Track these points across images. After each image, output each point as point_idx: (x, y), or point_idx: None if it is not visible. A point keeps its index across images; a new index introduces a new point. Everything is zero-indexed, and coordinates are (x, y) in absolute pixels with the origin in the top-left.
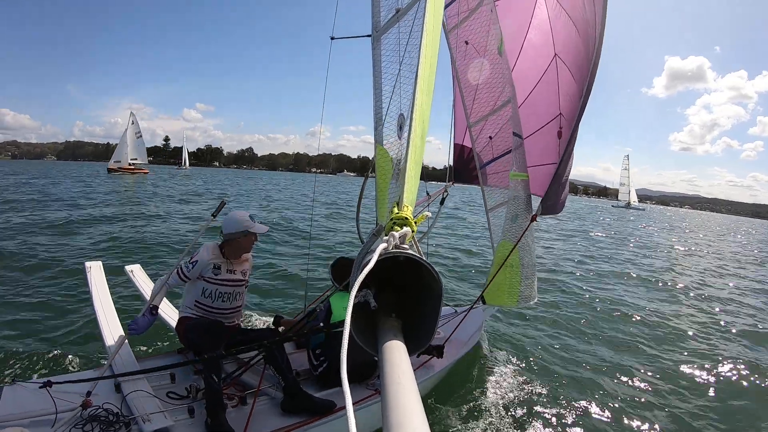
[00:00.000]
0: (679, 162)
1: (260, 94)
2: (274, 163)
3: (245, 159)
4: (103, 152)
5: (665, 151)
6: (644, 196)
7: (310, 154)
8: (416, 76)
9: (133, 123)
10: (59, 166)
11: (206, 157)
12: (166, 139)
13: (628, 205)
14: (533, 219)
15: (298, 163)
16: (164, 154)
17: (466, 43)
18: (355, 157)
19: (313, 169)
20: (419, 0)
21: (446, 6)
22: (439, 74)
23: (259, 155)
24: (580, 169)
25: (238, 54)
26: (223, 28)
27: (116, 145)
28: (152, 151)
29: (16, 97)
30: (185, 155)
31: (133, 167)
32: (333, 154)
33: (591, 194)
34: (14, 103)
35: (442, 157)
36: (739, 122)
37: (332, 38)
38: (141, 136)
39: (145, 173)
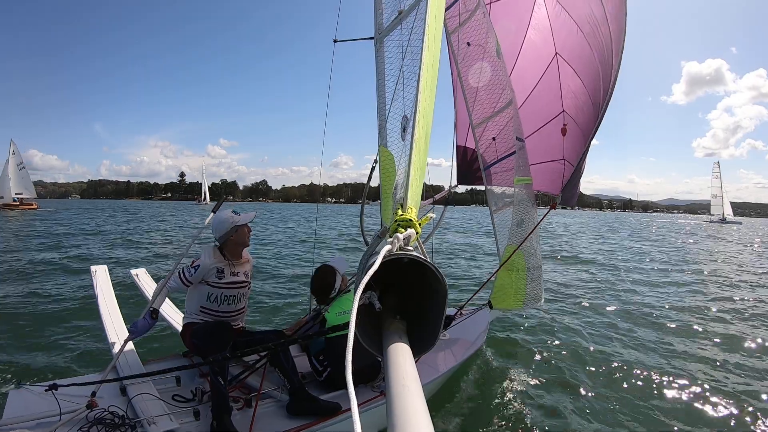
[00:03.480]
0: (705, 168)
1: (284, 127)
2: (288, 194)
3: (260, 192)
4: (123, 190)
5: (690, 158)
6: (672, 206)
7: (330, 185)
8: (419, 77)
9: (14, 153)
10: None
11: (222, 192)
12: (182, 174)
13: (723, 220)
14: (553, 207)
15: (312, 193)
16: (180, 190)
17: (468, 44)
18: (376, 185)
19: (328, 199)
20: (421, 1)
21: (448, 7)
22: (442, 76)
23: (275, 188)
24: (603, 183)
25: (259, 90)
26: (243, 65)
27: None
28: (169, 188)
29: (44, 138)
30: (205, 190)
31: (18, 203)
32: (355, 183)
33: (616, 208)
34: (42, 144)
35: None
36: (762, 122)
37: (335, 41)
38: (24, 167)
39: (33, 208)
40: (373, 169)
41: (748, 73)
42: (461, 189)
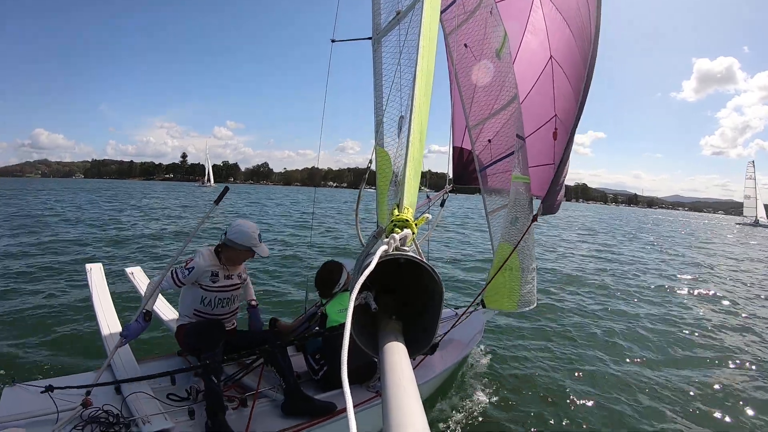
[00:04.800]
0: (711, 166)
1: (291, 110)
2: (289, 178)
3: (261, 174)
4: (126, 170)
5: (697, 156)
6: (677, 203)
7: (334, 169)
8: (414, 78)
9: None
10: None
11: (223, 173)
12: (183, 155)
13: (756, 222)
14: (534, 219)
15: (312, 177)
16: (181, 171)
17: (465, 45)
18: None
19: (330, 183)
20: (418, 2)
21: (446, 8)
22: (439, 77)
23: (277, 171)
24: (609, 177)
25: (267, 72)
26: (252, 49)
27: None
28: (170, 168)
29: (51, 117)
30: (209, 171)
31: None
32: (357, 168)
33: (620, 202)
34: (49, 123)
35: (444, 165)
36: None
37: (333, 41)
38: None
39: None
40: (368, 169)
41: (760, 72)
42: None
